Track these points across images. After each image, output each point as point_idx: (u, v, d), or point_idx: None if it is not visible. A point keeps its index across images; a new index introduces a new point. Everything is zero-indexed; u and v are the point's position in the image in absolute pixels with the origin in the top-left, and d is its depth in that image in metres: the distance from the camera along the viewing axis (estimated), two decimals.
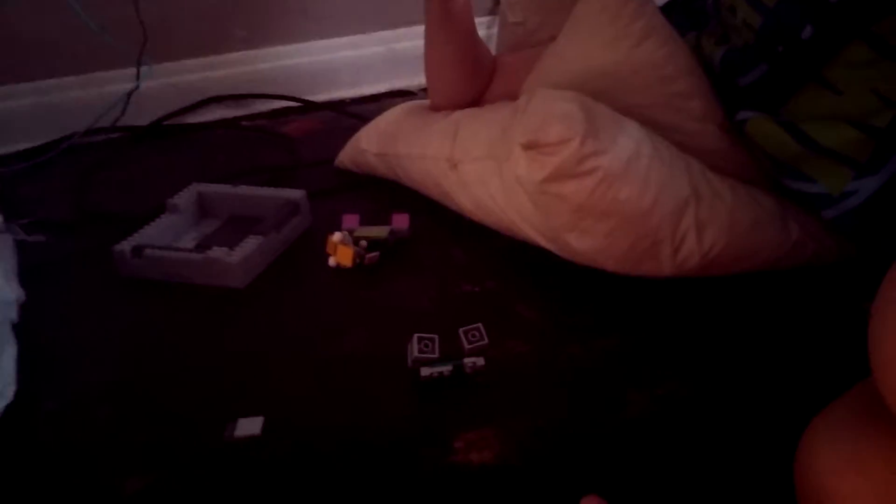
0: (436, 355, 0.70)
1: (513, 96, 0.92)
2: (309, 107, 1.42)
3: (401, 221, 0.95)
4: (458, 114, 1.01)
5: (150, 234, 0.93)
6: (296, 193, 0.99)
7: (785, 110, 0.78)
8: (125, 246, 0.90)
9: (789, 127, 0.76)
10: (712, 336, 0.75)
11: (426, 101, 1.11)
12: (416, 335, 0.70)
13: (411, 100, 1.20)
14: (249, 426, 0.66)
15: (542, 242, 0.83)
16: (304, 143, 1.27)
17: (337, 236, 0.90)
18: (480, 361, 0.70)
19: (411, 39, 1.44)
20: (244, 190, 1.02)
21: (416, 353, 0.70)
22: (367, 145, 1.09)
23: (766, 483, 0.57)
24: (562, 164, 0.72)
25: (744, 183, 0.82)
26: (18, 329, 0.78)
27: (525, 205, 0.81)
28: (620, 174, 0.73)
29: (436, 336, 0.71)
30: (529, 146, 0.73)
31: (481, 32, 1.06)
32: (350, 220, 0.95)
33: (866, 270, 0.78)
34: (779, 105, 0.78)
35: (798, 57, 0.76)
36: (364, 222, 0.95)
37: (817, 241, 0.81)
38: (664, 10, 0.89)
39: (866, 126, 0.72)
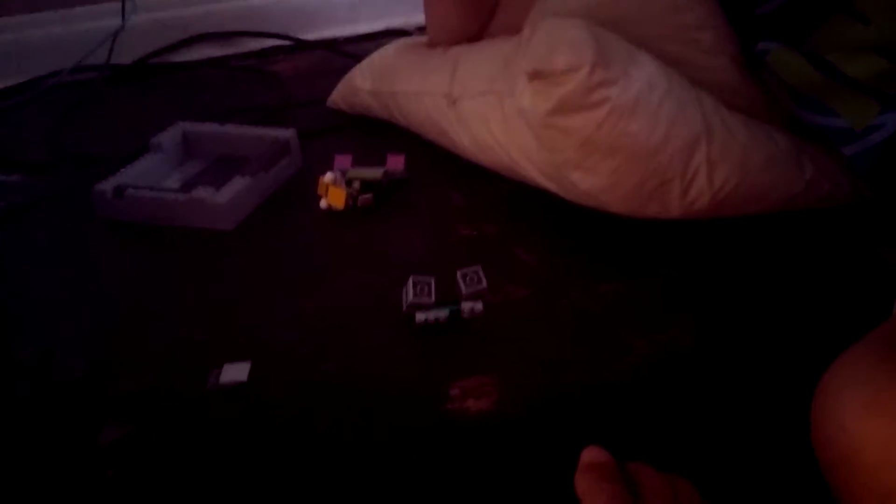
0: (432, 300, 0.66)
1: (515, 31, 0.87)
2: (301, 45, 1.36)
3: (396, 162, 0.90)
4: (457, 48, 0.96)
5: (132, 174, 0.89)
6: (285, 132, 0.94)
7: (809, 41, 0.73)
8: (106, 186, 0.86)
9: (813, 58, 0.71)
10: (720, 279, 0.72)
11: (424, 38, 1.05)
12: (411, 278, 0.67)
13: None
14: (235, 372, 0.62)
15: (544, 182, 0.79)
16: (295, 82, 1.22)
17: (328, 177, 0.86)
18: (479, 306, 0.67)
19: None
20: (231, 129, 0.97)
21: (410, 298, 0.66)
22: (362, 83, 1.04)
23: (777, 431, 0.54)
24: (569, 95, 0.67)
25: (757, 119, 0.77)
26: None
27: (528, 141, 0.77)
28: (630, 107, 0.68)
29: (432, 279, 0.67)
30: (535, 76, 0.69)
31: None
32: (342, 160, 0.90)
33: (882, 213, 0.75)
34: (803, 36, 0.73)
35: None
36: (357, 163, 0.90)
37: (832, 180, 0.76)
38: None
39: None
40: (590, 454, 0.49)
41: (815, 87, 0.72)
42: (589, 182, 0.73)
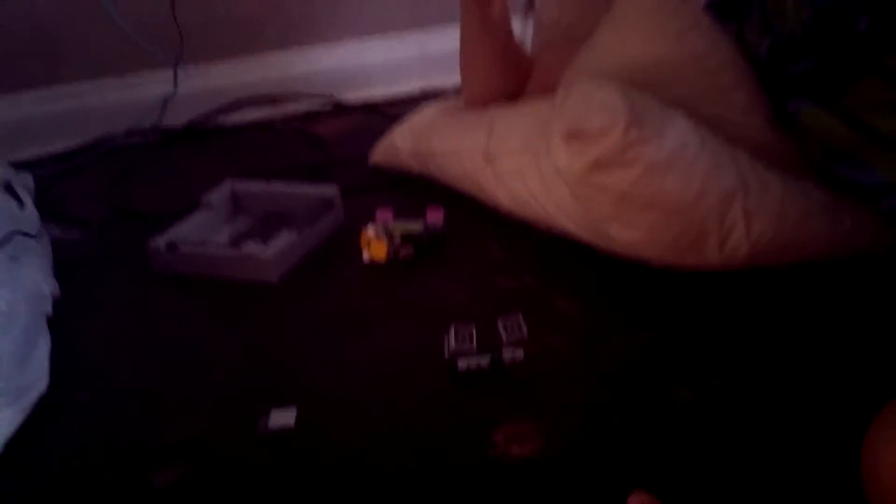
0: (473, 347, 0.68)
1: (551, 92, 0.90)
2: (342, 108, 1.42)
3: (435, 216, 0.93)
4: (493, 109, 0.99)
5: (185, 230, 0.93)
6: (329, 189, 0.98)
7: (842, 100, 0.75)
8: (159, 242, 0.90)
9: (846, 116, 0.73)
10: (759, 329, 0.72)
11: (460, 100, 1.09)
12: (452, 325, 0.68)
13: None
14: (283, 418, 0.64)
15: (582, 235, 0.81)
16: (337, 143, 1.26)
17: (371, 230, 0.89)
18: (519, 353, 0.68)
19: (443, 40, 1.42)
20: (277, 187, 1.01)
21: (452, 346, 0.68)
22: (401, 143, 1.08)
23: (822, 477, 0.54)
24: (604, 154, 0.70)
25: (792, 174, 0.79)
26: (52, 324, 0.78)
27: (564, 197, 0.79)
28: (664, 164, 0.70)
29: (473, 325, 0.68)
30: (570, 136, 0.71)
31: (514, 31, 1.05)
32: (384, 214, 0.93)
33: None
34: (836, 96, 0.75)
35: (854, 48, 0.72)
36: (398, 217, 0.93)
37: (869, 232, 0.77)
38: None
39: None
40: (637, 499, 0.50)
41: (849, 143, 0.73)
42: (626, 235, 0.74)
